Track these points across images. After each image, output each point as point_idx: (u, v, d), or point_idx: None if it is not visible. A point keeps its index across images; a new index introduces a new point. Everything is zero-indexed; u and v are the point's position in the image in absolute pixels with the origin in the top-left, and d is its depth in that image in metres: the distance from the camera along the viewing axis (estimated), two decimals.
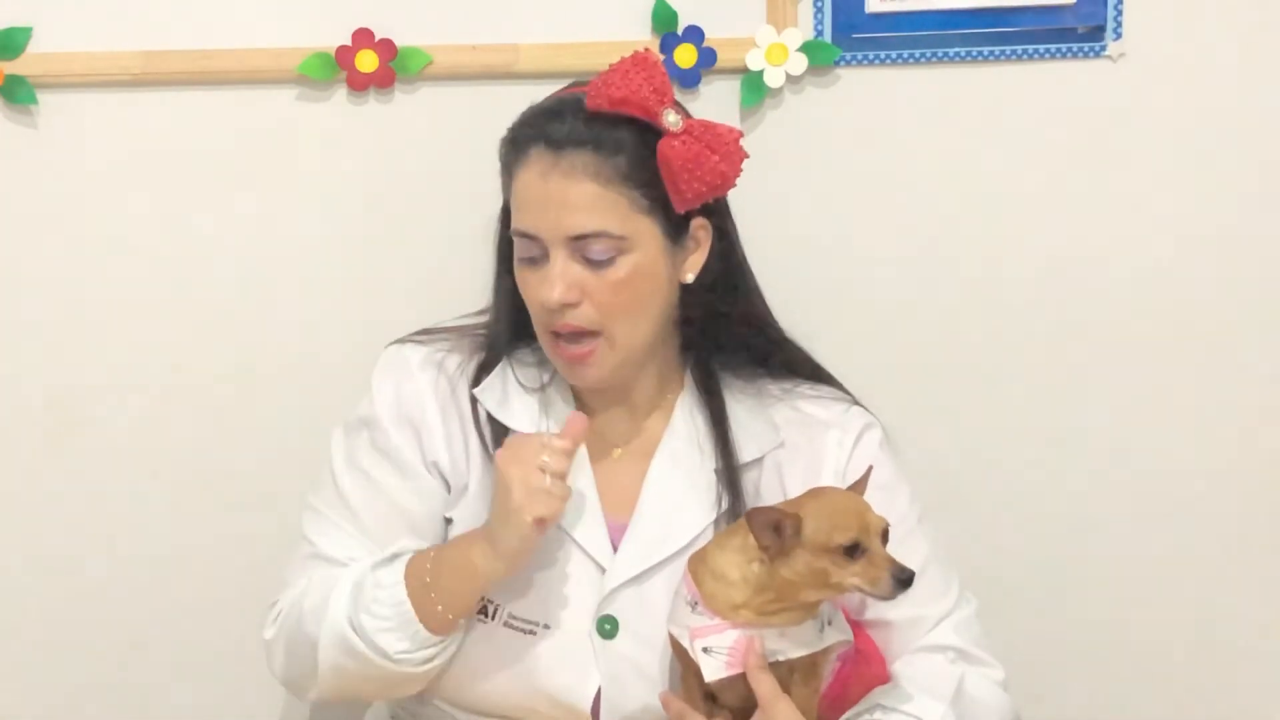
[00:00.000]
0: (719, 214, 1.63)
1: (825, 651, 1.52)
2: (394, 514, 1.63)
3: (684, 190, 1.54)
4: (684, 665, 1.55)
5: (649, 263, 1.57)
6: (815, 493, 1.52)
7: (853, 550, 1.44)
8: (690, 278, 1.61)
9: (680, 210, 1.56)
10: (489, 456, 1.62)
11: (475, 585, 1.54)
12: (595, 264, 1.55)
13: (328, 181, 1.94)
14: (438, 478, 1.65)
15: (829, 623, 1.52)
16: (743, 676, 1.48)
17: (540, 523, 1.50)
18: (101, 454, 1.98)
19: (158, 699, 2.04)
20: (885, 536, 1.47)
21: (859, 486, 1.53)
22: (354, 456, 1.65)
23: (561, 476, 1.51)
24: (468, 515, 1.63)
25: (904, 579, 1.44)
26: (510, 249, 1.62)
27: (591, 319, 1.56)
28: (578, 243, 1.54)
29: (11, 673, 2.02)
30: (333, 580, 1.58)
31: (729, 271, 1.66)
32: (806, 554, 1.45)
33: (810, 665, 1.51)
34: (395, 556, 1.58)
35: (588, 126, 1.54)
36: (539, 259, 1.56)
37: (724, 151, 1.54)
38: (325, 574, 1.61)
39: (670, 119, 1.53)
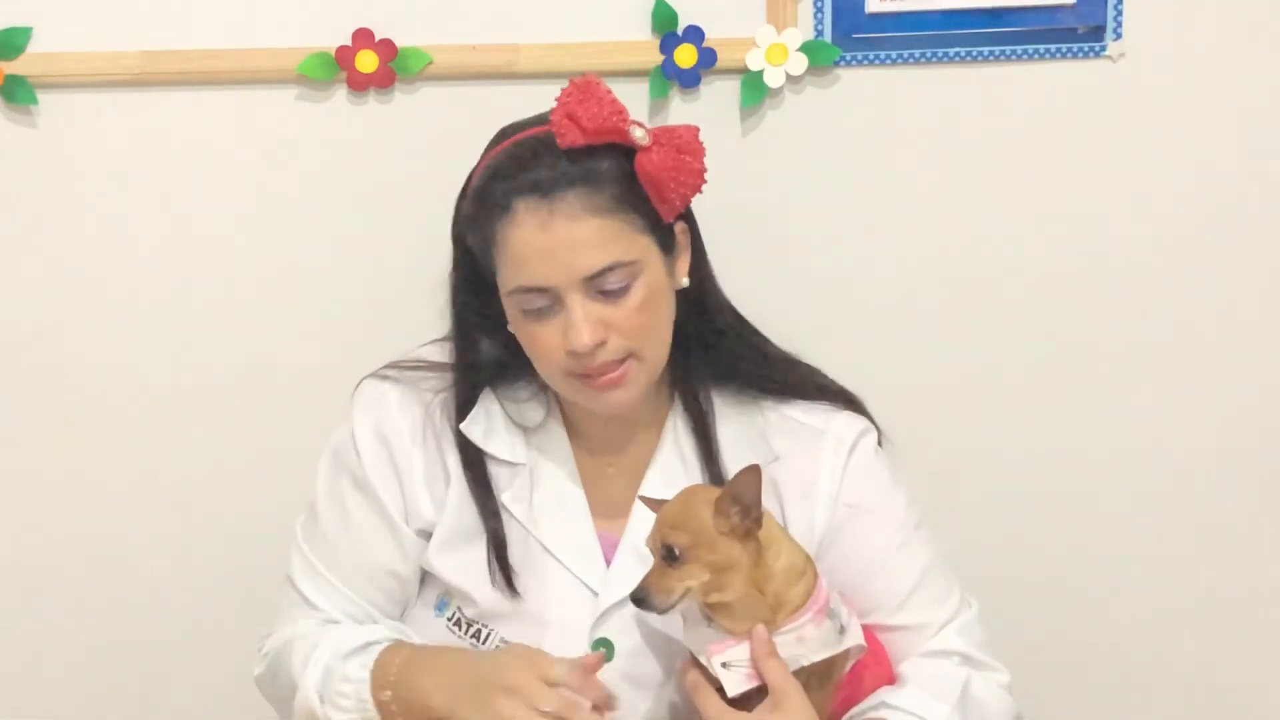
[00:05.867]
0: (689, 216, 1.63)
1: (842, 655, 1.52)
2: (370, 561, 1.63)
3: (670, 198, 1.54)
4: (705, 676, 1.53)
5: (657, 279, 1.56)
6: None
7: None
8: (685, 281, 1.61)
9: (668, 219, 1.56)
10: (474, 492, 1.62)
11: (429, 717, 1.51)
12: (611, 295, 1.52)
13: (328, 181, 1.94)
14: (418, 526, 1.63)
15: (844, 627, 1.52)
16: (763, 687, 1.47)
17: None
18: (102, 454, 1.98)
19: (158, 699, 2.04)
20: (671, 553, 1.45)
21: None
22: (336, 492, 1.65)
23: None
24: (436, 556, 1.62)
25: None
26: (466, 293, 1.62)
27: (621, 348, 1.54)
28: (593, 281, 1.51)
29: (12, 673, 2.03)
30: (313, 643, 1.59)
31: (699, 277, 1.64)
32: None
33: (826, 669, 1.51)
34: (367, 645, 1.57)
35: (572, 164, 1.51)
36: (548, 309, 1.53)
37: (692, 150, 1.54)
38: (308, 630, 1.61)
39: (638, 134, 1.52)
